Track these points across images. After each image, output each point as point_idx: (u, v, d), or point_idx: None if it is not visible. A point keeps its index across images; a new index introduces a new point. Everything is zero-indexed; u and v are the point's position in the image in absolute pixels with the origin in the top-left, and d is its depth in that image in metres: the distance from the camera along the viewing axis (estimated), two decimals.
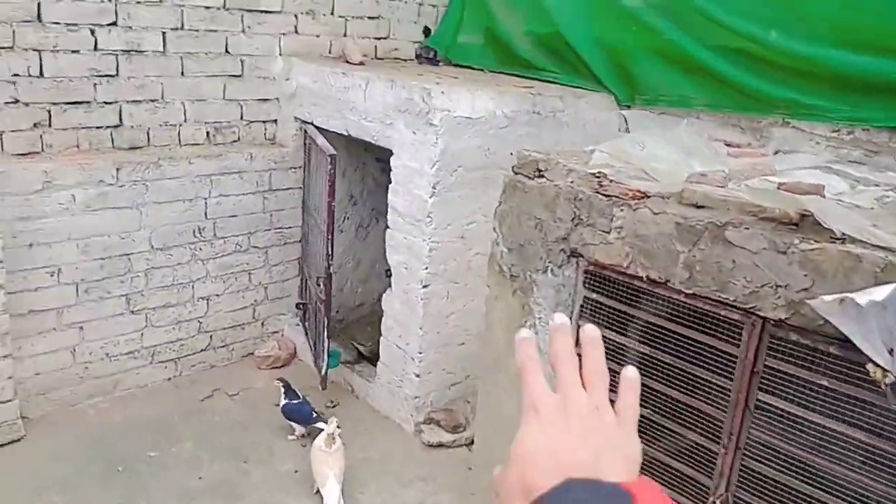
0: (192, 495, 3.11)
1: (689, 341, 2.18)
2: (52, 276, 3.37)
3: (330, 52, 4.29)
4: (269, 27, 3.97)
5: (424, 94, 3.19)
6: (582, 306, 2.47)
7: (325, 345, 3.65)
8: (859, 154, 3.09)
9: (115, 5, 3.40)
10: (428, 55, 4.78)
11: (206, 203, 3.80)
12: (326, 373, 3.73)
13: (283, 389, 3.53)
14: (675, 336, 2.21)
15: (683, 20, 3.58)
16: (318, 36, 4.21)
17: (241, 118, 4.02)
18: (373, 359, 3.97)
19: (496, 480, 0.56)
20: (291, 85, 4.03)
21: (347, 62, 4.12)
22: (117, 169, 3.43)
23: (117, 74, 3.50)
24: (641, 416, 0.60)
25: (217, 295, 4.01)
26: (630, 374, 0.61)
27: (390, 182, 3.44)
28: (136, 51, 3.53)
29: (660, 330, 2.26)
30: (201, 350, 4.05)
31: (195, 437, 3.50)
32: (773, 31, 3.26)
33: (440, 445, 3.57)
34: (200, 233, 3.82)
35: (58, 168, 3.26)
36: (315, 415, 3.51)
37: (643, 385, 2.03)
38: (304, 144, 4.11)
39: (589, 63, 4.02)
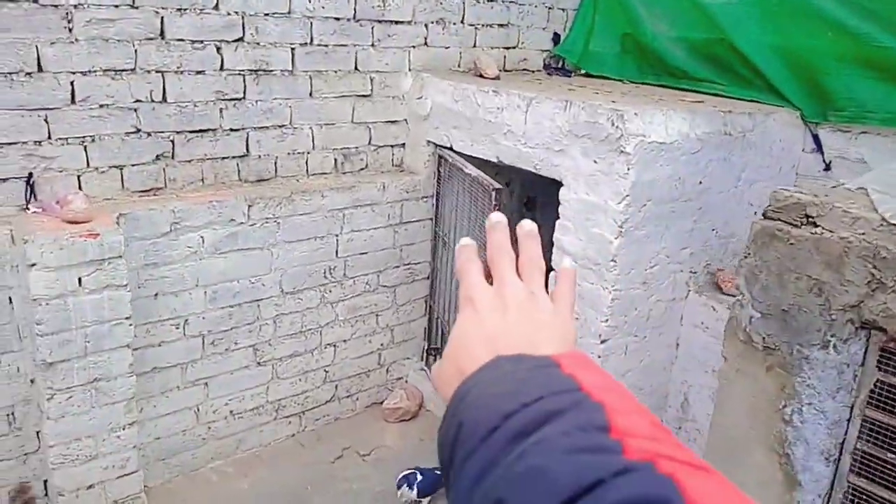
0: None
1: None
2: (177, 328, 2.96)
3: (459, 66, 3.83)
4: (399, 39, 3.52)
5: (615, 117, 2.69)
6: (872, 391, 1.95)
7: None
8: None
9: (243, 18, 2.98)
10: (557, 65, 4.31)
11: (337, 240, 3.36)
12: None
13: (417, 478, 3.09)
14: None
15: None
16: (447, 48, 3.75)
17: (370, 143, 3.58)
18: None
19: (435, 375, 0.56)
20: (425, 104, 3.57)
21: (482, 76, 3.66)
22: (249, 206, 3.01)
23: (244, 98, 3.08)
24: None
25: (344, 340, 3.57)
26: (566, 264, 0.63)
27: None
28: (264, 70, 3.10)
29: None
30: (326, 402, 3.61)
31: None
32: None
33: None
34: (331, 273, 3.39)
35: (187, 207, 2.84)
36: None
37: None
38: (437, 171, 3.65)
39: (767, 74, 3.48)
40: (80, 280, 2.49)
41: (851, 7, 3.15)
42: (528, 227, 0.61)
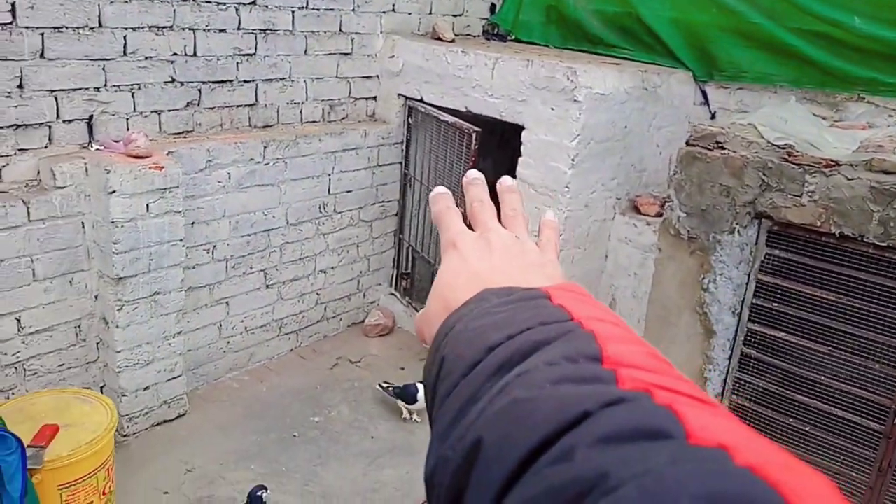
0: (375, 454, 3.33)
1: (881, 287, 2.62)
2: (208, 252, 3.45)
3: (419, 30, 4.45)
4: (373, 5, 4.10)
5: (570, 73, 3.46)
6: (763, 261, 2.86)
7: None
8: None
9: None
10: (493, 31, 5.02)
11: (329, 179, 3.94)
12: None
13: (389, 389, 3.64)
14: (867, 284, 2.64)
15: (764, 4, 3.98)
16: (409, 14, 4.36)
17: (349, 95, 4.15)
18: None
19: (418, 322, 0.53)
20: (397, 62, 4.18)
21: (440, 38, 4.31)
22: (264, 147, 3.53)
23: (255, 53, 3.57)
24: (831, 355, 0.73)
25: (333, 268, 4.17)
26: (548, 216, 0.62)
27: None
28: (271, 30, 3.60)
29: (850, 279, 2.68)
30: (317, 321, 4.20)
31: (346, 403, 3.70)
32: (856, 17, 3.72)
33: None
34: (324, 208, 3.96)
35: (218, 147, 3.33)
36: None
37: (831, 328, 2.40)
38: (406, 120, 4.29)
39: (666, 41, 4.38)
40: (147, 206, 2.95)
41: None
42: (508, 182, 0.61)
